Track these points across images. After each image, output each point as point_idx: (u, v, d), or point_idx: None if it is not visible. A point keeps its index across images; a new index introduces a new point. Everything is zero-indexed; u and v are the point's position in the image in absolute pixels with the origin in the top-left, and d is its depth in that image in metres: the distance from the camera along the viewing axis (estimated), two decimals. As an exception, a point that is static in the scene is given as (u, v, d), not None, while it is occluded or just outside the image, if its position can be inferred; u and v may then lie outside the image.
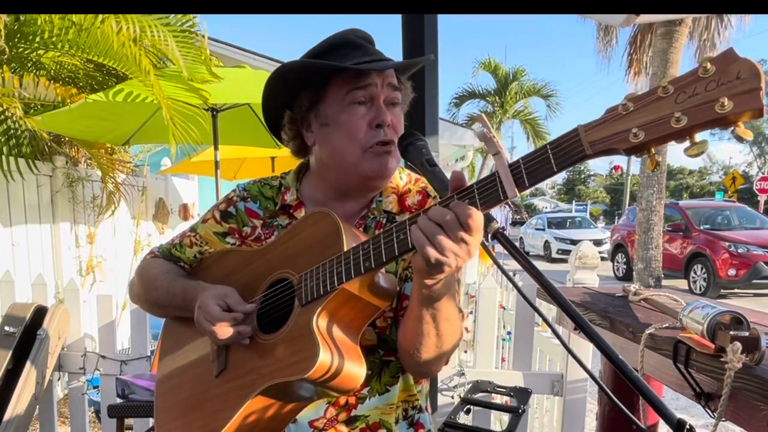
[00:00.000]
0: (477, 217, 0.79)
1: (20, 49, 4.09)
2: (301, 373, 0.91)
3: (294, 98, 1.13)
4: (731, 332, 0.99)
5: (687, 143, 0.64)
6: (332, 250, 0.96)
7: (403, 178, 1.19)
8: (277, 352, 0.99)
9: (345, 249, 0.94)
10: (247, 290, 1.10)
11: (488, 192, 0.78)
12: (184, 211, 7.05)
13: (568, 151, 0.71)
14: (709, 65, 0.62)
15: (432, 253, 0.81)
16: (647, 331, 1.26)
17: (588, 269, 2.45)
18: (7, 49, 3.87)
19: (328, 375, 0.92)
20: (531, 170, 0.74)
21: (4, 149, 3.84)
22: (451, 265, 0.82)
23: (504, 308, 3.63)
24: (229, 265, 1.19)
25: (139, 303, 1.33)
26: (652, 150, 0.67)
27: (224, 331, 1.03)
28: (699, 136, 0.64)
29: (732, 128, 0.62)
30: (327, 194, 1.16)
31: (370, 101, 1.07)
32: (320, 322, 0.95)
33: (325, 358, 0.91)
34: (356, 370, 0.96)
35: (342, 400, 1.10)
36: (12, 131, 3.94)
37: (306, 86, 1.11)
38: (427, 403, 1.23)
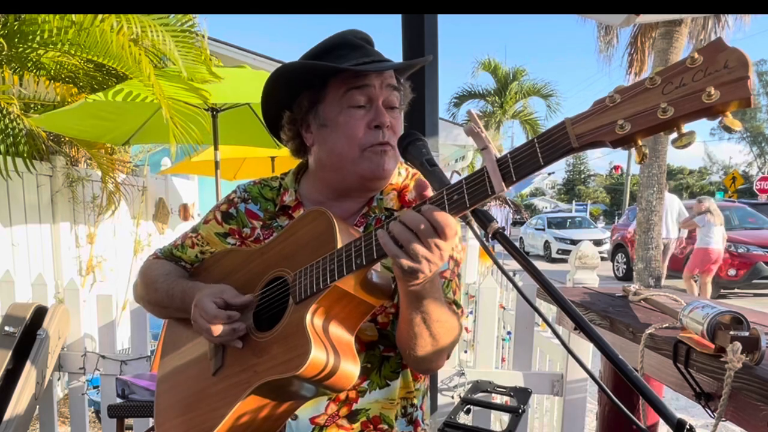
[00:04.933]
0: (452, 223, 0.79)
1: (20, 49, 4.08)
2: (294, 370, 0.91)
3: (294, 99, 1.13)
4: (731, 332, 0.99)
5: (675, 135, 0.63)
6: (326, 248, 0.96)
7: (401, 173, 1.18)
8: (272, 350, 1.00)
9: (339, 247, 0.94)
10: (244, 289, 1.11)
11: (476, 187, 0.78)
12: (184, 211, 7.04)
13: (555, 144, 0.71)
14: (696, 55, 0.62)
15: (405, 261, 0.81)
16: (647, 331, 1.26)
17: (588, 269, 2.44)
18: (6, 47, 3.86)
19: (321, 373, 0.92)
20: (518, 164, 0.74)
21: (1, 147, 3.83)
22: (424, 272, 0.83)
23: (504, 308, 3.62)
24: (229, 264, 1.19)
25: (143, 304, 1.34)
26: (639, 142, 0.66)
27: (219, 328, 1.03)
28: (687, 127, 0.63)
29: (720, 119, 0.60)
30: (325, 194, 1.16)
31: (368, 102, 1.07)
32: (313, 319, 0.95)
33: (317, 355, 0.91)
34: (350, 368, 0.96)
35: (342, 395, 1.10)
36: (9, 129, 3.93)
37: (305, 87, 1.11)
38: (422, 401, 1.23)
